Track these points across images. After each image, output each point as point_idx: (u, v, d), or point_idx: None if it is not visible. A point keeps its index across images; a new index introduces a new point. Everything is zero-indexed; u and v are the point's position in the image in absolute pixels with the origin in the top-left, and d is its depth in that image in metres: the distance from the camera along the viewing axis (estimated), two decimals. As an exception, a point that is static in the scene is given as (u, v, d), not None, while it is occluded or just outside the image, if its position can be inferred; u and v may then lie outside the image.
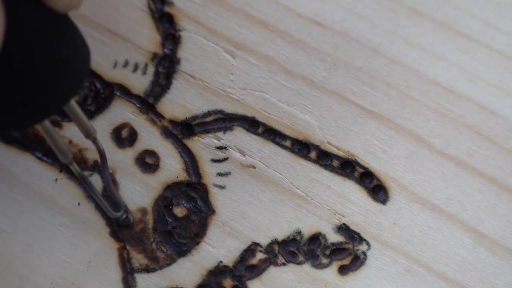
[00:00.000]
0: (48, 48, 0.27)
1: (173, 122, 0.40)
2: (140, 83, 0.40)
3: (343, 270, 0.38)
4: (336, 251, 0.38)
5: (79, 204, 0.39)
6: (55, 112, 0.29)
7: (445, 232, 0.39)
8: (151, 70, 0.40)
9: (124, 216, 0.38)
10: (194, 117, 0.40)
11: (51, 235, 0.38)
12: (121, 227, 0.39)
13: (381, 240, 0.39)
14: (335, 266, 0.38)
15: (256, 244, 0.39)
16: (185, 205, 0.39)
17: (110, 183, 0.37)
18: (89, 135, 0.32)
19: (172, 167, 0.39)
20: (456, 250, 0.38)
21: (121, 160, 0.39)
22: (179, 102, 0.40)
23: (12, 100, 0.27)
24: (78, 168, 0.33)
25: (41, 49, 0.27)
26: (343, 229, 0.39)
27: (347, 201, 0.39)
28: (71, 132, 0.40)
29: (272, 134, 0.40)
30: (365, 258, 0.38)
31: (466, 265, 0.38)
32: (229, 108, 0.40)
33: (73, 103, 0.31)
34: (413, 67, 0.40)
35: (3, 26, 0.25)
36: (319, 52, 0.40)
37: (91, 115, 0.40)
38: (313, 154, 0.40)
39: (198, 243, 0.39)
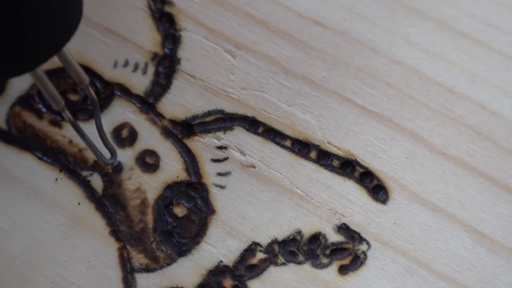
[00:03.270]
0: None
1: (173, 122, 0.40)
2: (140, 83, 0.40)
3: (343, 270, 0.38)
4: (336, 251, 0.38)
5: (79, 203, 0.39)
6: (47, 58, 0.29)
7: (445, 232, 0.39)
8: (151, 70, 0.40)
9: (116, 163, 0.39)
10: (194, 117, 0.40)
11: (51, 235, 0.38)
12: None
13: (381, 240, 0.39)
14: (335, 266, 0.38)
15: (256, 244, 0.39)
16: (185, 204, 0.39)
17: (103, 131, 0.37)
18: (82, 82, 0.33)
19: (172, 166, 0.39)
20: (456, 250, 0.38)
21: (121, 160, 0.39)
22: (179, 102, 0.40)
23: (5, 48, 0.27)
24: (70, 115, 0.34)
25: None
26: (343, 229, 0.39)
27: (347, 201, 0.39)
28: (71, 132, 0.40)
29: (272, 134, 0.40)
30: (365, 258, 0.38)
31: (466, 265, 0.38)
32: (229, 108, 0.40)
33: (65, 50, 0.31)
34: (413, 67, 0.40)
35: None
36: (319, 52, 0.40)
37: (91, 115, 0.40)
38: (313, 154, 0.40)
39: (198, 243, 0.39)
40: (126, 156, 0.39)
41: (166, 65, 0.40)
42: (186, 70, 0.40)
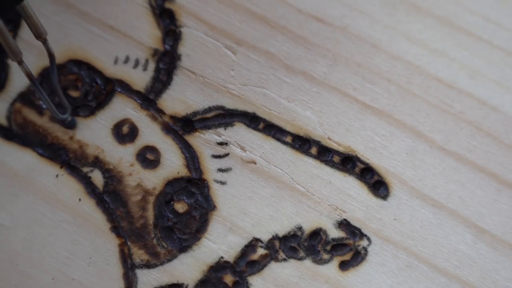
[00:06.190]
0: None
1: (173, 118, 0.40)
2: (141, 79, 0.40)
3: (344, 266, 0.38)
4: (337, 246, 0.39)
5: (80, 200, 0.39)
6: (9, 9, 0.31)
7: (445, 227, 0.39)
8: (152, 66, 0.40)
9: (69, 119, 0.39)
10: (195, 113, 0.40)
11: (52, 231, 0.38)
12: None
13: (382, 235, 0.39)
14: (336, 262, 0.38)
15: (257, 240, 0.39)
16: (186, 200, 0.39)
17: (58, 86, 0.37)
18: (40, 35, 0.34)
19: (173, 163, 0.39)
20: (457, 246, 0.38)
21: (122, 156, 0.39)
22: (180, 98, 0.40)
23: None
24: (27, 68, 0.34)
25: None
26: (344, 224, 0.39)
27: (348, 197, 0.39)
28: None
29: (273, 130, 0.40)
30: (366, 254, 0.38)
31: (466, 261, 0.38)
32: (230, 104, 0.40)
33: (26, 2, 0.33)
34: (414, 63, 0.40)
35: None
36: (319, 48, 0.40)
37: (92, 111, 0.40)
38: (313, 150, 0.40)
39: (199, 238, 0.39)
40: (127, 152, 0.40)
41: (167, 61, 0.40)
42: (187, 66, 0.40)
